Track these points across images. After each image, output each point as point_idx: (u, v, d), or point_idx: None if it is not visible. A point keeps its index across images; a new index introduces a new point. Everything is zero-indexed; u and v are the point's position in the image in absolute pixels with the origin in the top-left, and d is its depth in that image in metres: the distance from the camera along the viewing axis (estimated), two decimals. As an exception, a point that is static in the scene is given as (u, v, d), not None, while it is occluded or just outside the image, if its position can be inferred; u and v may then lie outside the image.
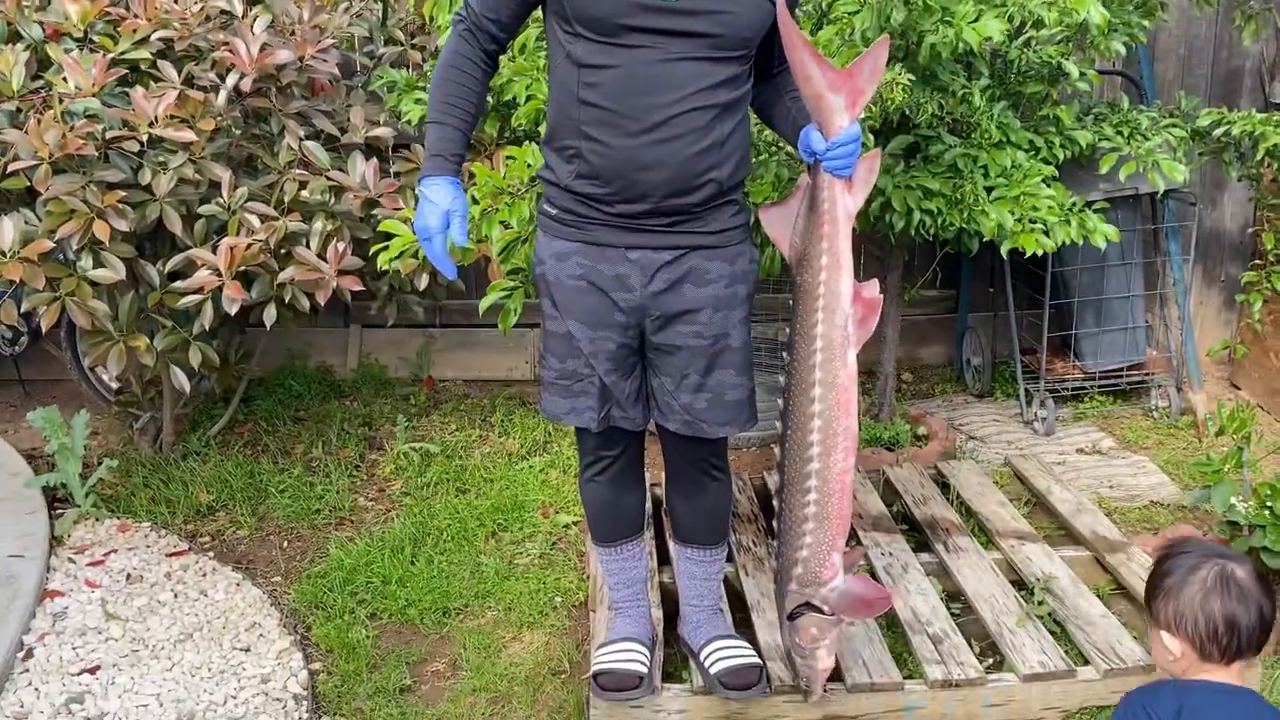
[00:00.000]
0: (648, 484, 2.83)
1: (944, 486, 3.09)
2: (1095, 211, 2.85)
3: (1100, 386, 3.75)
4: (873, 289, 1.91)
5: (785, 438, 1.98)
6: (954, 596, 2.60)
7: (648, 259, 1.91)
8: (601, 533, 2.23)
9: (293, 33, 2.96)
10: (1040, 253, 2.75)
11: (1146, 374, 3.75)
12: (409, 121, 3.08)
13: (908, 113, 2.70)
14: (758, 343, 3.48)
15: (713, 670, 2.14)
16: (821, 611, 2.00)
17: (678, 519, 2.24)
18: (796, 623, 2.02)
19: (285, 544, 3.08)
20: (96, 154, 2.66)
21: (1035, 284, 3.61)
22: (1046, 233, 2.74)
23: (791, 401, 1.95)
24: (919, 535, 2.85)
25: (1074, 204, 2.87)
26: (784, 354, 1.98)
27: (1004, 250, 2.76)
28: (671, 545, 2.32)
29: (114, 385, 3.60)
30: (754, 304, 2.06)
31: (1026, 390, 3.70)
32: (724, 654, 2.16)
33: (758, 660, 2.17)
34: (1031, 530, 2.83)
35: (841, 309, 1.88)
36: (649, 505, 2.82)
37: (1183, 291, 3.71)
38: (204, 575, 2.86)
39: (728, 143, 1.87)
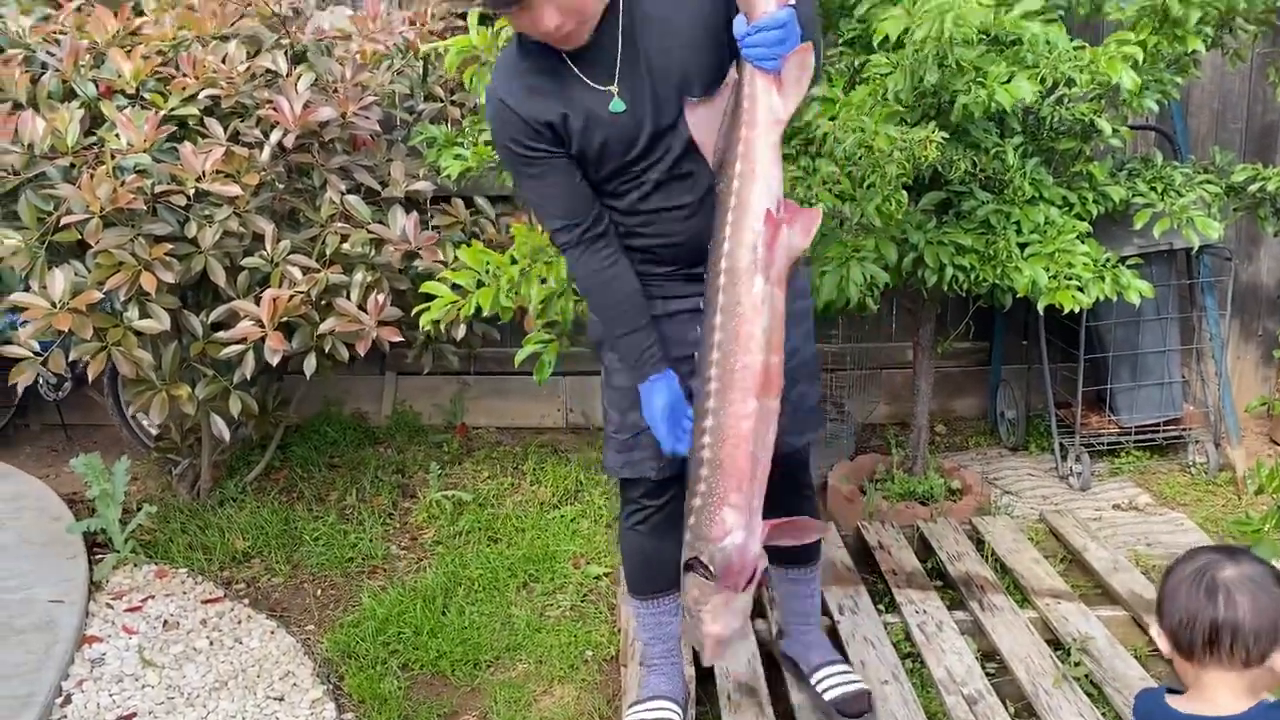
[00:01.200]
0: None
1: (979, 542, 3.07)
2: (1129, 267, 2.85)
3: (1136, 441, 3.71)
4: (796, 214, 1.69)
5: (695, 371, 1.83)
6: (989, 656, 2.57)
7: None
8: (638, 585, 2.23)
9: (335, 90, 3.03)
10: (1075, 309, 2.75)
11: (1183, 429, 3.71)
12: (448, 176, 3.13)
13: (940, 169, 2.72)
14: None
15: (827, 696, 2.24)
16: (708, 570, 1.81)
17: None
18: (686, 576, 1.86)
19: (319, 592, 3.10)
20: (145, 208, 2.73)
21: (1069, 337, 3.60)
22: (1081, 289, 2.75)
23: (700, 329, 1.77)
24: (954, 592, 2.83)
25: (1108, 259, 2.88)
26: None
27: (1040, 306, 2.77)
28: (771, 569, 2.26)
29: (154, 431, 3.66)
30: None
31: (1061, 444, 3.67)
32: (836, 680, 2.26)
33: (866, 686, 2.26)
34: (1067, 588, 2.80)
35: (749, 226, 1.68)
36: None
37: (1219, 346, 3.68)
38: (239, 623, 2.89)
39: None
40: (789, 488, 2.11)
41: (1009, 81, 2.51)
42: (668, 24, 1.78)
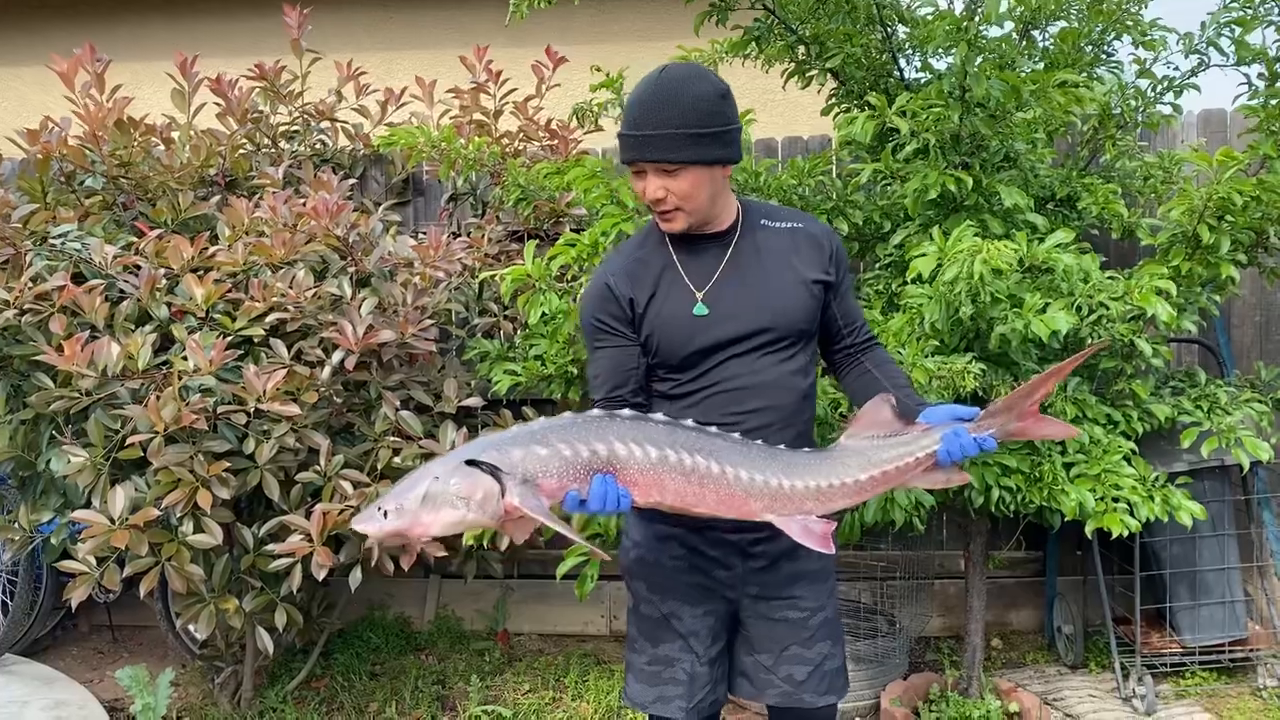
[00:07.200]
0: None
1: (1039, 775, 2.92)
2: (1180, 485, 2.81)
3: (1201, 662, 3.56)
4: (810, 535, 1.79)
5: None
6: None
7: (745, 539, 1.98)
8: None
9: (396, 313, 3.17)
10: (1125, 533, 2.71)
11: (1250, 650, 3.56)
12: (498, 389, 3.23)
13: (980, 394, 2.75)
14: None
15: None
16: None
17: None
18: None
19: (353, 815, 3.02)
20: (207, 426, 2.83)
21: (1125, 552, 3.51)
22: (1130, 511, 2.71)
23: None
24: (1014, 833, 2.68)
25: (1157, 478, 2.85)
26: None
27: (1088, 530, 2.73)
28: None
29: (199, 638, 3.66)
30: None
31: (1122, 664, 3.53)
32: None
33: None
34: (1137, 832, 2.64)
35: (794, 503, 1.79)
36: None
37: (1282, 562, 3.57)
38: None
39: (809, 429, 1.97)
40: None
41: (1044, 311, 2.56)
42: (772, 264, 1.91)
